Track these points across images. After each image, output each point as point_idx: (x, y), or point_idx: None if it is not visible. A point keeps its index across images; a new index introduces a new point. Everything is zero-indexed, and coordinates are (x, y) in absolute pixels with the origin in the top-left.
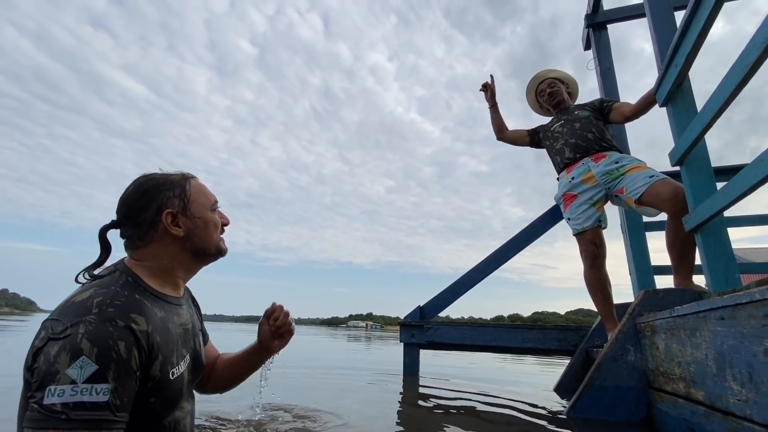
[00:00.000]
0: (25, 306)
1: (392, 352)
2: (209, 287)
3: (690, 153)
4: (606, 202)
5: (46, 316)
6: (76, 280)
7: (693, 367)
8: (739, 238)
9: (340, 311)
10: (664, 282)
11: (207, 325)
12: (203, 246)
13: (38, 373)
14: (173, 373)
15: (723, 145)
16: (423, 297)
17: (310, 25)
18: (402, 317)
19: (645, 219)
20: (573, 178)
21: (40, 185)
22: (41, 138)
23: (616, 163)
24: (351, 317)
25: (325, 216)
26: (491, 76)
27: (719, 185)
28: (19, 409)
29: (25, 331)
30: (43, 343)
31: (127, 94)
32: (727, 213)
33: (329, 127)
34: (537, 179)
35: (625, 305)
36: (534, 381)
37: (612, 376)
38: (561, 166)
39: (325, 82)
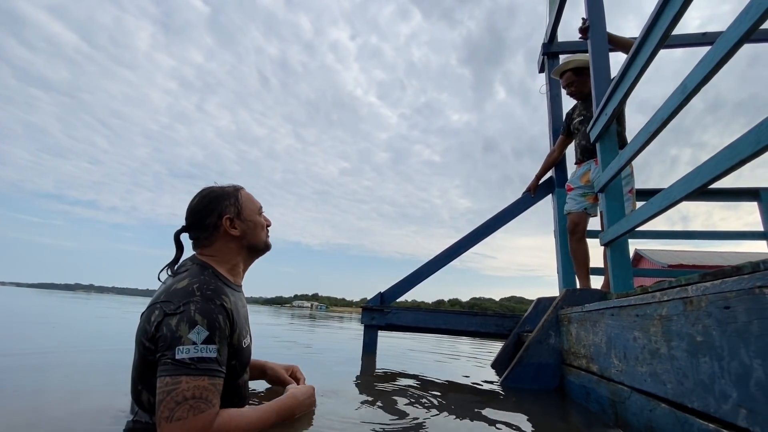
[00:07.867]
0: None
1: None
2: (144, 264)
3: (609, 184)
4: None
5: None
6: (159, 278)
7: (592, 348)
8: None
9: (285, 291)
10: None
11: (145, 300)
12: (254, 242)
13: (164, 339)
14: (244, 343)
15: (647, 152)
16: (371, 279)
17: None
18: (348, 299)
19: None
20: (576, 174)
21: None
22: None
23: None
24: (296, 297)
25: (275, 193)
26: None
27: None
28: (132, 370)
29: None
30: (161, 318)
31: (53, 40)
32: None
33: (284, 101)
34: (484, 171)
35: (553, 299)
36: (474, 359)
37: (537, 354)
38: (575, 160)
39: (282, 53)
